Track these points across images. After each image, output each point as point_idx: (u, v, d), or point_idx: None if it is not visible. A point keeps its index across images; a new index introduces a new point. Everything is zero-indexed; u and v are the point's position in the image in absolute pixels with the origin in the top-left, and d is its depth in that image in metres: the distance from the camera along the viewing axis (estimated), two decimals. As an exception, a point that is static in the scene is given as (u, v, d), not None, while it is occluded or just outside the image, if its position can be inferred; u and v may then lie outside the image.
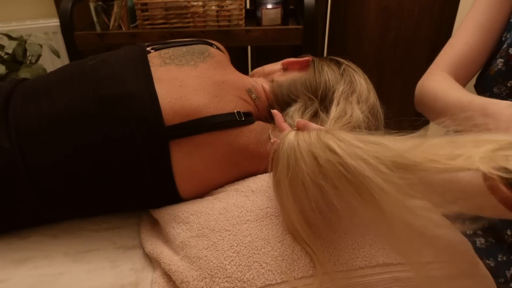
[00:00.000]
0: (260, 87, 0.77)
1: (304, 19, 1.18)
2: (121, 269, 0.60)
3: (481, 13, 0.67)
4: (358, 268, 0.55)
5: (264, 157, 0.68)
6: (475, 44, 0.67)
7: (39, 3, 1.61)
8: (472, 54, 0.68)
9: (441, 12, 1.50)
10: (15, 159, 0.58)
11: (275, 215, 0.59)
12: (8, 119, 0.60)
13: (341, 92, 0.69)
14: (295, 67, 0.80)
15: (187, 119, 0.62)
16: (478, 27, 0.67)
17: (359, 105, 0.68)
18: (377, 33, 1.56)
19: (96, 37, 1.22)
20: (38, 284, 0.57)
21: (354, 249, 0.56)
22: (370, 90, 0.73)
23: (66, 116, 0.61)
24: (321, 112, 0.68)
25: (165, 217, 0.63)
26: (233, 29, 1.21)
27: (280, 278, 0.53)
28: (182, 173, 0.63)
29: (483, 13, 0.67)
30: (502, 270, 0.66)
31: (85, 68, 0.67)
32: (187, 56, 0.71)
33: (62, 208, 0.64)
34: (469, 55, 0.68)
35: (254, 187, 0.64)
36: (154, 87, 0.63)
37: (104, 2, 1.18)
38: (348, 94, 0.69)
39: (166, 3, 1.19)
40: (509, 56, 0.63)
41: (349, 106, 0.66)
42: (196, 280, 0.53)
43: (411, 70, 1.65)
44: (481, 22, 0.67)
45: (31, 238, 0.65)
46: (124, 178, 0.61)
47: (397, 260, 0.56)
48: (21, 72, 1.20)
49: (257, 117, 0.72)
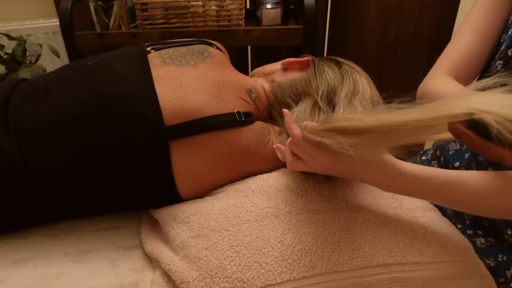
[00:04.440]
0: (260, 87, 0.77)
1: (304, 19, 1.18)
2: (121, 269, 0.60)
3: (480, 16, 0.68)
4: (358, 268, 0.55)
5: (264, 157, 0.68)
6: (475, 47, 0.68)
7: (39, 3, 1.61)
8: (472, 57, 0.68)
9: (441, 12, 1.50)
10: (15, 159, 0.58)
11: (275, 215, 0.59)
12: (8, 119, 0.60)
13: (344, 95, 0.69)
14: (295, 67, 0.80)
15: (187, 119, 0.62)
16: (477, 30, 0.68)
17: (362, 103, 0.68)
18: (377, 33, 1.56)
19: (96, 37, 1.22)
20: (37, 284, 0.57)
21: (354, 249, 0.56)
22: (372, 88, 0.73)
23: (66, 116, 0.61)
24: (324, 108, 0.68)
25: (165, 217, 0.63)
26: (233, 29, 1.21)
27: (280, 278, 0.53)
28: (182, 173, 0.63)
29: (482, 16, 0.67)
30: (502, 270, 0.66)
31: (85, 68, 0.67)
32: (187, 56, 0.71)
33: (62, 208, 0.64)
34: (469, 57, 0.68)
35: (254, 187, 0.64)
36: (154, 88, 0.63)
37: (104, 2, 1.18)
38: (351, 97, 0.69)
39: (166, 3, 1.19)
40: (507, 58, 0.63)
41: (353, 109, 0.66)
42: (196, 280, 0.53)
43: (411, 70, 1.64)
44: (480, 25, 0.67)
45: (30, 238, 0.65)
46: (124, 178, 0.61)
47: (397, 260, 0.56)
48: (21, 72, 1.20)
49: (257, 117, 0.72)
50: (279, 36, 1.21)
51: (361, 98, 0.69)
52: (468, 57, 0.68)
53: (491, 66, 0.67)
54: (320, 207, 0.60)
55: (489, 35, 0.67)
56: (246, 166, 0.68)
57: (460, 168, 0.75)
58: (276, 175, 0.66)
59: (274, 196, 0.62)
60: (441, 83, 0.67)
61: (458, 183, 0.52)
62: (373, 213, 0.61)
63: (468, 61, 0.68)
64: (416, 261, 0.56)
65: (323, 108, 0.68)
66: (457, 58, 0.69)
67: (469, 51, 0.68)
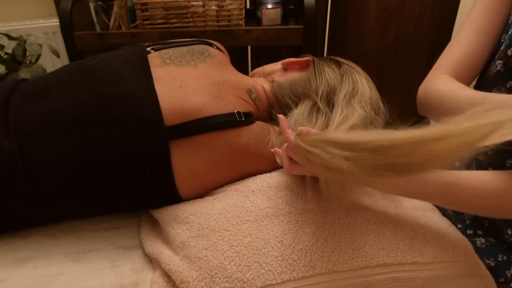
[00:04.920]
0: (260, 87, 0.77)
1: (304, 19, 1.18)
2: (121, 269, 0.60)
3: (480, 16, 0.68)
4: (358, 268, 0.55)
5: (264, 157, 0.68)
6: (475, 47, 0.68)
7: (39, 3, 1.61)
8: (473, 57, 0.68)
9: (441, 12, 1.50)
10: (15, 160, 0.58)
11: (275, 215, 0.59)
12: (8, 119, 0.60)
13: (343, 96, 0.69)
14: (295, 67, 0.80)
15: (187, 119, 0.62)
16: (477, 30, 0.68)
17: (361, 104, 0.68)
18: (377, 33, 1.56)
19: (96, 37, 1.22)
20: (37, 284, 0.57)
21: (354, 249, 0.56)
22: (371, 88, 0.73)
23: (66, 116, 0.61)
24: (323, 109, 0.68)
25: (165, 217, 0.63)
26: (233, 29, 1.21)
27: (280, 278, 0.53)
28: (182, 173, 0.63)
29: (482, 16, 0.67)
30: (502, 270, 0.66)
31: (85, 69, 0.67)
32: (187, 56, 0.71)
33: (62, 208, 0.64)
34: (470, 57, 0.68)
35: (254, 187, 0.64)
36: (154, 88, 0.63)
37: (104, 2, 1.18)
38: (350, 98, 0.69)
39: (166, 3, 1.19)
40: (507, 57, 0.63)
41: (351, 110, 0.65)
42: (196, 280, 0.53)
43: (411, 70, 1.64)
44: (480, 25, 0.67)
45: (30, 238, 0.65)
46: (124, 179, 0.61)
47: (397, 260, 0.56)
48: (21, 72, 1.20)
49: (257, 117, 0.72)
50: (279, 36, 1.21)
51: (360, 98, 0.69)
52: (469, 57, 0.68)
53: (490, 66, 0.67)
54: (320, 207, 0.60)
55: (489, 35, 0.67)
56: (246, 166, 0.68)
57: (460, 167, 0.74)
58: (276, 175, 0.66)
59: (274, 196, 0.62)
60: (443, 83, 0.66)
61: (455, 184, 0.51)
62: (373, 213, 0.61)
63: (468, 61, 0.68)
64: (416, 261, 0.56)
65: (322, 110, 0.68)
66: (457, 59, 0.69)
67: (469, 51, 0.68)
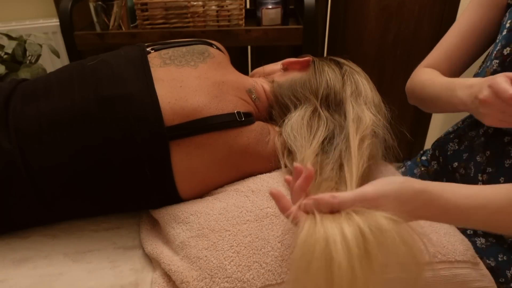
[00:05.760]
0: (260, 88, 0.77)
1: (304, 19, 1.18)
2: (121, 269, 0.60)
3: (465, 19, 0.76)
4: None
5: (264, 158, 0.68)
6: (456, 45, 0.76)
7: (39, 3, 1.61)
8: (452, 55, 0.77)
9: (441, 12, 1.50)
10: (15, 160, 0.58)
11: (275, 215, 0.59)
12: (8, 120, 0.60)
13: (350, 93, 0.69)
14: (296, 67, 0.80)
15: (187, 119, 0.62)
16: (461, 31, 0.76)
17: (367, 105, 0.68)
18: (377, 33, 1.56)
19: (96, 37, 1.21)
20: (37, 284, 0.57)
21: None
22: (372, 89, 0.73)
23: (66, 117, 0.61)
24: (322, 111, 0.68)
25: (165, 217, 0.63)
26: (233, 29, 1.21)
27: (280, 278, 0.53)
28: (182, 174, 0.63)
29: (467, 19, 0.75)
30: (502, 270, 0.66)
31: (85, 69, 0.67)
32: (187, 56, 0.71)
33: (62, 209, 0.64)
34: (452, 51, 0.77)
35: (254, 187, 0.64)
36: (154, 88, 0.63)
37: (104, 2, 1.18)
38: (356, 97, 0.69)
39: (166, 3, 1.19)
40: (504, 57, 0.65)
41: (360, 109, 0.66)
42: (196, 280, 0.53)
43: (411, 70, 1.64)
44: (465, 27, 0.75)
45: (30, 238, 0.65)
46: (124, 179, 0.61)
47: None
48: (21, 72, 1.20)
49: (257, 117, 0.72)
50: (279, 36, 1.21)
51: (365, 99, 0.69)
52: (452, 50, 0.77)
53: (487, 66, 0.68)
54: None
55: (471, 36, 0.75)
56: (246, 166, 0.68)
57: (459, 168, 0.75)
58: (276, 175, 0.66)
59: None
60: (425, 74, 0.77)
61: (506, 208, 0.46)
62: (373, 213, 0.61)
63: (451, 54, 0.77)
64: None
65: (322, 116, 0.67)
66: (440, 55, 0.78)
67: (450, 49, 0.77)
